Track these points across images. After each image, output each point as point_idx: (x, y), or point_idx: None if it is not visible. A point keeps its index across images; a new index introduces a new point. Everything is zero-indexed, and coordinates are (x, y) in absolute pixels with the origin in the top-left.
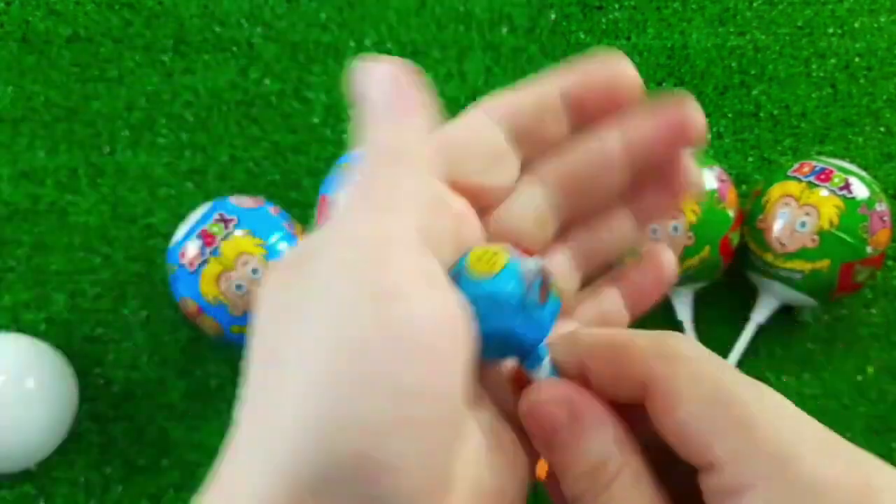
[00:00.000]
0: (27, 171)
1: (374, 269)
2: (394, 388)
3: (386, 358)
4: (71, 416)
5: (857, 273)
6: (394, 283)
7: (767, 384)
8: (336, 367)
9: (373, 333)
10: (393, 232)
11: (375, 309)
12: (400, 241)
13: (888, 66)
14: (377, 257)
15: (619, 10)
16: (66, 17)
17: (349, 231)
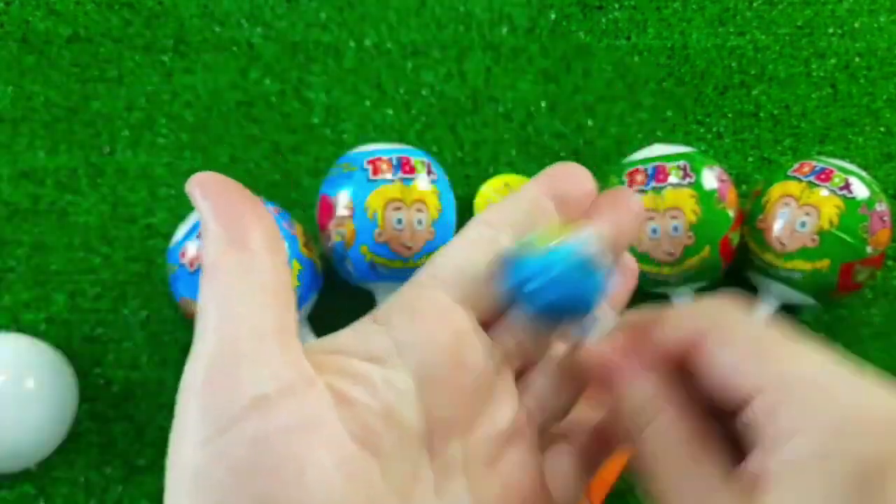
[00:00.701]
0: (27, 171)
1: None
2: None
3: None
4: (71, 416)
5: (857, 273)
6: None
7: None
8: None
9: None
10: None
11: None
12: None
13: (888, 65)
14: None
15: (619, 9)
16: (65, 17)
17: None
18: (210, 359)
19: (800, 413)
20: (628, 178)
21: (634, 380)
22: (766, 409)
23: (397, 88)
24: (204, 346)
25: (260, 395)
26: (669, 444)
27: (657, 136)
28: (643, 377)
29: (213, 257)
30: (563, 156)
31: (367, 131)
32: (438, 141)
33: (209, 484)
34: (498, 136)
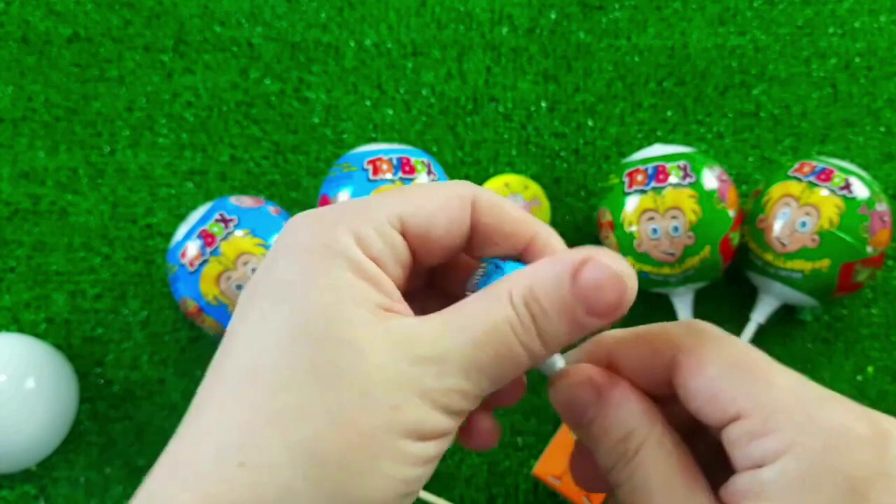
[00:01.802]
0: (27, 171)
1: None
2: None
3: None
4: (71, 416)
5: (858, 273)
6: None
7: None
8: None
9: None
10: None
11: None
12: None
13: (888, 65)
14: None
15: (619, 9)
16: (65, 16)
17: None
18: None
19: (786, 435)
20: (628, 178)
21: (622, 402)
22: (751, 431)
23: (397, 88)
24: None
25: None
26: (663, 468)
27: (657, 135)
28: (631, 397)
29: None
30: (564, 155)
31: (368, 131)
32: (438, 141)
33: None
34: (498, 136)
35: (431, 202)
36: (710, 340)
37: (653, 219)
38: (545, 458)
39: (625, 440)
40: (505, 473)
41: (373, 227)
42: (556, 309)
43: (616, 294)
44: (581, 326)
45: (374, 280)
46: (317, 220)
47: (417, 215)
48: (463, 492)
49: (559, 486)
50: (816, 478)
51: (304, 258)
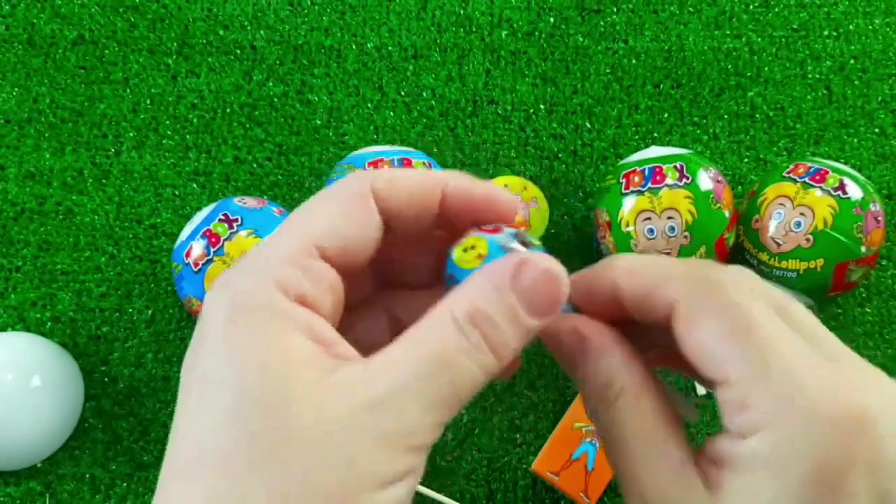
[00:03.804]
0: (33, 171)
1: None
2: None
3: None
4: (76, 414)
5: (852, 272)
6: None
7: None
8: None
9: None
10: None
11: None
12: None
13: (882, 67)
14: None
15: (616, 13)
16: (71, 19)
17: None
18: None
19: (764, 412)
20: (625, 179)
21: (603, 353)
22: (735, 400)
23: (398, 91)
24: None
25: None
26: (636, 422)
27: (654, 137)
28: (612, 350)
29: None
30: (562, 157)
31: (369, 133)
32: (438, 143)
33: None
34: (497, 137)
35: (334, 214)
36: (711, 291)
37: (649, 219)
38: (544, 455)
39: (605, 388)
40: (504, 469)
41: (291, 267)
42: (504, 318)
43: (554, 290)
44: (527, 330)
45: (307, 327)
46: (235, 281)
47: (328, 234)
48: (462, 487)
49: (558, 482)
50: (786, 462)
51: (230, 327)
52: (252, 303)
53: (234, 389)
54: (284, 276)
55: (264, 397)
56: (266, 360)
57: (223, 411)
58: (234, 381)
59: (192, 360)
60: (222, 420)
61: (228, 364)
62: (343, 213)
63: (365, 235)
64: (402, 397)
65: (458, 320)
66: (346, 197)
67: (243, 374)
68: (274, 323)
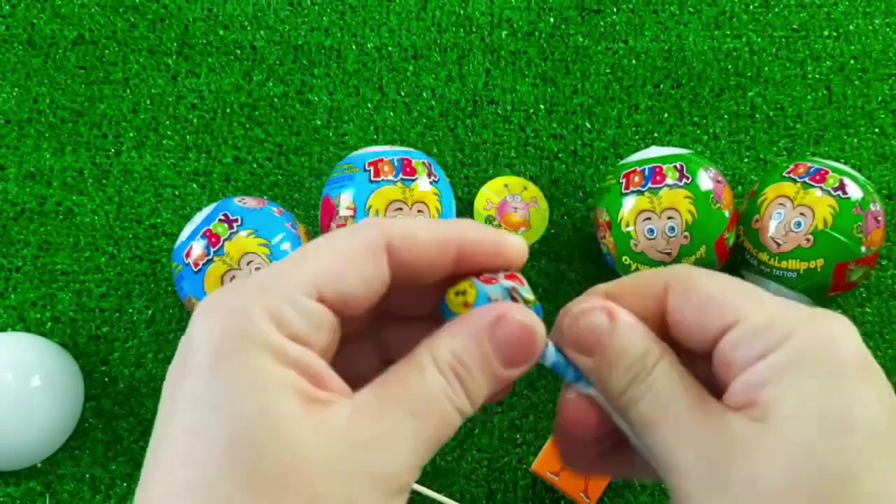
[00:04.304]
0: (33, 171)
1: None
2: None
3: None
4: (76, 414)
5: (852, 272)
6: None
7: None
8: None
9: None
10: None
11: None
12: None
13: (882, 67)
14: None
15: (616, 13)
16: (71, 19)
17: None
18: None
19: (787, 324)
20: (625, 179)
21: (636, 325)
22: (753, 329)
23: (398, 91)
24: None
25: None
26: (678, 385)
27: (654, 137)
28: (639, 323)
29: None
30: (562, 157)
31: (369, 133)
32: (439, 143)
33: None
34: (497, 137)
35: (341, 261)
36: (698, 271)
37: (649, 219)
38: (544, 455)
39: (643, 358)
40: (504, 469)
41: (287, 302)
42: (479, 367)
43: (530, 344)
44: (499, 379)
45: (300, 364)
46: (227, 306)
47: (330, 280)
48: (462, 487)
49: (558, 482)
50: (821, 355)
51: (221, 355)
52: (243, 333)
53: (223, 421)
54: (279, 311)
55: (254, 435)
56: (259, 399)
57: (216, 447)
58: (222, 411)
59: (177, 380)
60: (215, 456)
61: (218, 392)
62: (350, 262)
63: (369, 289)
64: (392, 438)
65: (439, 366)
66: (359, 247)
67: (232, 406)
68: (264, 358)
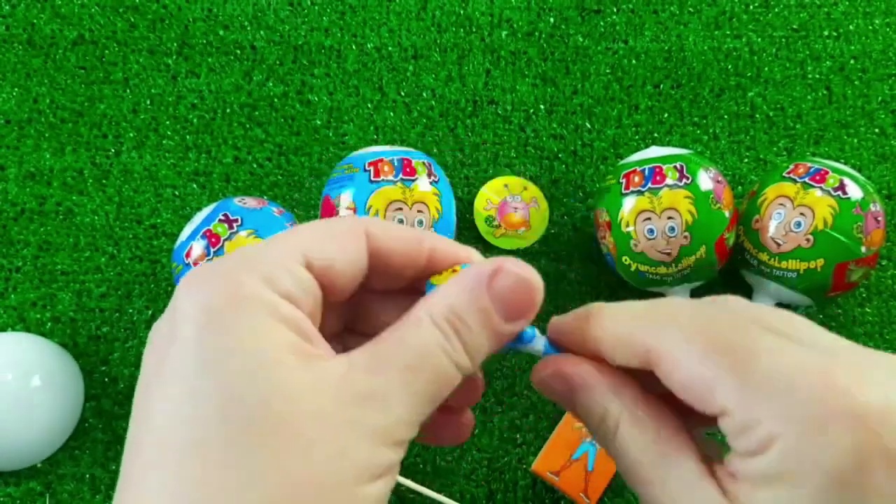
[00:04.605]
0: (33, 171)
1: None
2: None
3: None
4: (76, 414)
5: (852, 272)
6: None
7: None
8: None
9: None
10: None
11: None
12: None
13: (883, 68)
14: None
15: (616, 13)
16: (71, 19)
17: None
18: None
19: (769, 427)
20: (625, 179)
21: (591, 387)
22: (737, 426)
23: (399, 91)
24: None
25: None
26: (642, 447)
27: (654, 137)
28: (599, 383)
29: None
30: (562, 157)
31: (369, 133)
32: (439, 143)
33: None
34: (497, 137)
35: (328, 236)
36: (676, 333)
37: (649, 219)
38: (544, 455)
39: (603, 420)
40: (504, 469)
41: (278, 265)
42: (477, 321)
43: (528, 297)
44: (499, 334)
45: (292, 320)
46: (214, 273)
47: (318, 250)
48: (462, 487)
49: (558, 482)
50: (801, 473)
51: (212, 314)
52: (238, 293)
53: (217, 378)
54: (269, 272)
55: (250, 388)
56: (255, 354)
57: (211, 404)
58: (216, 368)
59: (164, 346)
60: (209, 412)
61: (211, 350)
62: (335, 237)
63: (351, 265)
64: (387, 392)
65: (435, 319)
66: (341, 226)
67: (227, 362)
68: (260, 313)
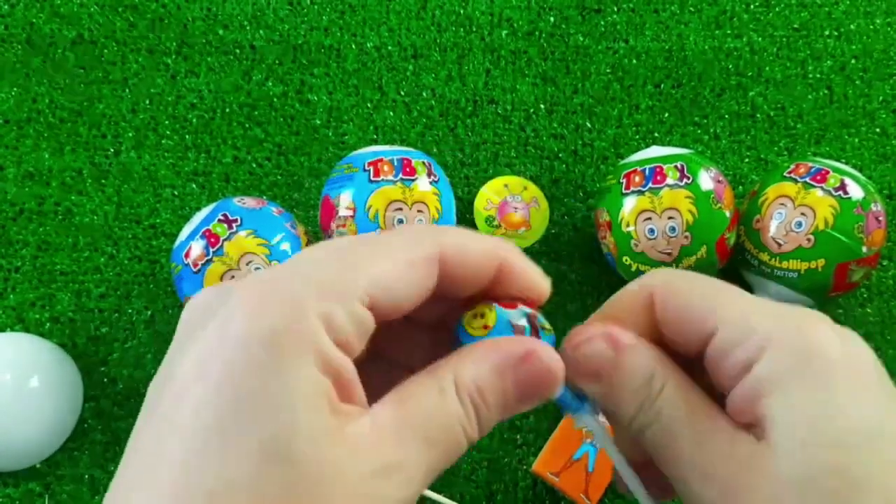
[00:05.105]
0: (32, 171)
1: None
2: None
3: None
4: (76, 415)
5: (853, 273)
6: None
7: None
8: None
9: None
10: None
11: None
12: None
13: (884, 67)
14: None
15: (617, 12)
16: (70, 19)
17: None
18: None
19: (764, 331)
20: (626, 179)
21: (641, 349)
22: (732, 338)
23: (398, 91)
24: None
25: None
26: (687, 402)
27: (655, 137)
28: (646, 344)
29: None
30: (562, 157)
31: (369, 133)
32: (438, 142)
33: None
34: (497, 137)
35: (399, 270)
36: (675, 275)
37: (650, 219)
38: (544, 455)
39: (648, 383)
40: (504, 470)
41: (344, 308)
42: (496, 402)
43: (550, 385)
44: (509, 412)
45: (339, 373)
46: (278, 294)
47: (386, 289)
48: (463, 488)
49: (558, 483)
50: (803, 362)
51: (260, 356)
52: (296, 330)
53: (265, 429)
54: (332, 313)
55: (288, 443)
56: (292, 404)
57: (251, 449)
58: (264, 419)
59: (209, 368)
60: (250, 457)
61: (263, 396)
62: (408, 272)
63: (416, 297)
64: (409, 465)
65: (460, 395)
66: (418, 257)
67: (277, 415)
68: (309, 363)
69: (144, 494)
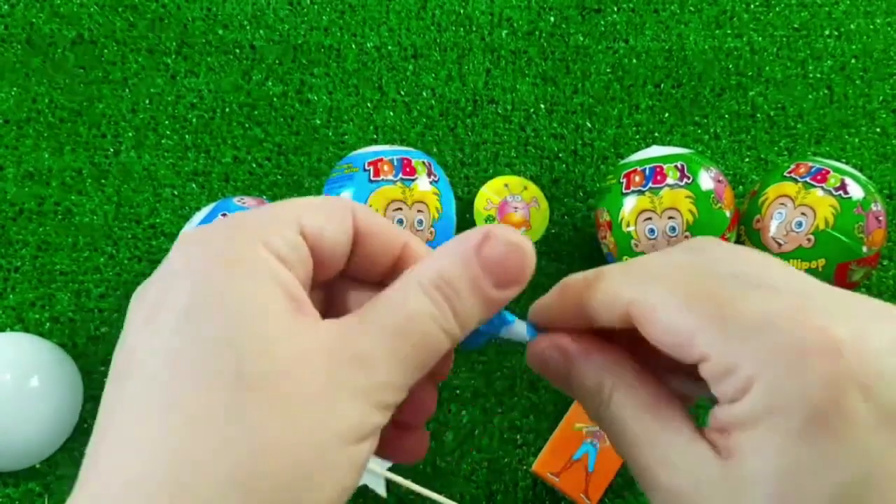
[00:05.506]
0: (32, 171)
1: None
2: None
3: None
4: (76, 415)
5: (853, 273)
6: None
7: None
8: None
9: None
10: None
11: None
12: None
13: (884, 67)
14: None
15: (617, 12)
16: (70, 19)
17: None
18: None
19: (747, 370)
20: (626, 178)
21: (586, 356)
22: (717, 372)
23: (398, 90)
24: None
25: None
26: (635, 413)
27: (655, 137)
28: (593, 352)
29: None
30: (562, 157)
31: (369, 133)
32: (438, 142)
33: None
34: (498, 137)
35: (320, 209)
36: (653, 288)
37: (650, 219)
38: (544, 456)
39: (598, 390)
40: (504, 470)
41: (274, 229)
42: (467, 287)
43: (519, 263)
44: (491, 301)
45: (285, 282)
46: (212, 233)
47: (311, 218)
48: (463, 488)
49: (558, 483)
50: (783, 409)
51: (210, 272)
52: (234, 252)
53: (218, 336)
54: (267, 236)
55: (249, 350)
56: (246, 302)
57: (203, 356)
58: (209, 318)
59: (160, 293)
60: (202, 365)
61: (203, 303)
62: (325, 210)
63: (340, 237)
64: (376, 355)
65: (425, 287)
66: (330, 202)
67: (219, 314)
68: (256, 271)
69: (131, 414)
